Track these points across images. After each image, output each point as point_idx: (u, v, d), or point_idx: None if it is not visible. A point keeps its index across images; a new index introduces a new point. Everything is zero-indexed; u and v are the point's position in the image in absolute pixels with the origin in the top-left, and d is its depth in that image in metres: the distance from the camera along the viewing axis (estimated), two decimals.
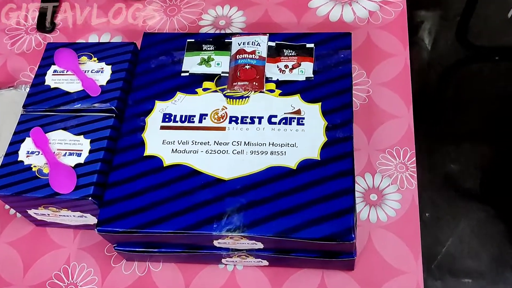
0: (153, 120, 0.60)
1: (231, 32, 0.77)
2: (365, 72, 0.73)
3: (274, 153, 0.56)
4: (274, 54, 0.63)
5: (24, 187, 0.56)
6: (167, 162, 0.57)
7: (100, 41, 0.76)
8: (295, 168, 0.55)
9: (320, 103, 0.59)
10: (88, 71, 0.64)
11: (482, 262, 1.32)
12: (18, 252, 0.65)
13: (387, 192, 0.63)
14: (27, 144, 0.59)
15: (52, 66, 0.65)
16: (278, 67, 0.62)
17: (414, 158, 0.65)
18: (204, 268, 0.61)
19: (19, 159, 0.58)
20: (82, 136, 0.59)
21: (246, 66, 0.62)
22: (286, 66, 0.62)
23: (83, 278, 0.62)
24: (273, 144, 0.57)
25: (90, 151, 0.58)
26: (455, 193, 1.43)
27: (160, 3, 0.84)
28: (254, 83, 0.61)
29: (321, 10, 0.79)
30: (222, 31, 0.79)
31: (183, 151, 0.57)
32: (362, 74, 0.72)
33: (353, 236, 0.50)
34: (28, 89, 0.71)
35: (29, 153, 0.58)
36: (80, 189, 0.55)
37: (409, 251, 0.59)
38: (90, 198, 0.55)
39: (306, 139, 0.57)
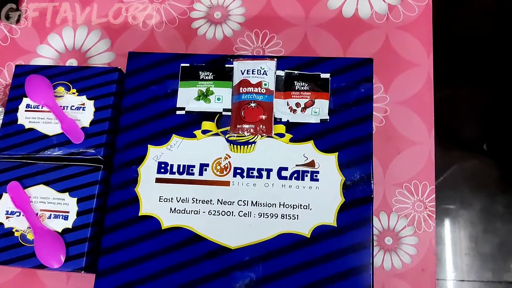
0: (147, 171, 0.53)
1: (228, 28, 0.67)
2: (382, 87, 0.64)
3: (285, 216, 0.50)
4: (284, 87, 0.55)
5: (8, 256, 0.51)
6: (165, 224, 0.51)
7: (78, 66, 0.64)
8: (309, 236, 0.49)
9: (337, 153, 0.52)
10: (66, 107, 0.55)
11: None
12: None
13: (403, 235, 0.59)
14: (5, 202, 0.52)
15: (24, 99, 0.56)
16: (288, 104, 0.54)
17: (434, 195, 0.60)
18: None
19: None
20: (67, 193, 0.52)
21: (251, 104, 0.54)
22: (298, 105, 0.54)
23: None
24: (284, 205, 0.51)
25: (78, 213, 0.51)
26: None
27: None
28: (261, 126, 0.53)
29: (333, 2, 0.69)
30: (218, 26, 0.68)
31: (183, 211, 0.51)
32: (380, 88, 0.64)
33: None
34: (0, 109, 0.62)
35: (8, 214, 0.52)
36: (71, 261, 0.50)
37: None
38: (83, 272, 0.50)
39: (321, 200, 0.51)
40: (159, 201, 0.52)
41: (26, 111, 0.55)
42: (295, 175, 0.52)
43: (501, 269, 1.31)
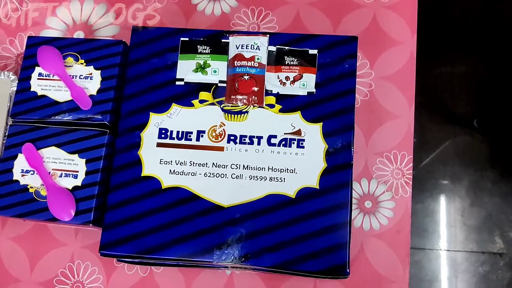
0: (149, 136, 0.58)
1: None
2: (368, 63, 0.69)
3: (273, 179, 0.56)
4: (275, 61, 0.60)
5: (24, 209, 0.56)
6: (165, 184, 0.57)
7: (86, 38, 0.67)
8: (294, 197, 0.55)
9: (321, 123, 0.57)
10: (75, 76, 0.60)
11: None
12: (22, 248, 0.67)
13: (382, 199, 0.64)
14: (21, 162, 0.58)
15: (36, 68, 0.61)
16: (278, 78, 0.59)
17: (411, 164, 0.65)
18: (204, 270, 0.64)
19: (14, 178, 0.57)
20: (76, 155, 0.57)
21: (244, 77, 0.59)
22: (287, 78, 0.59)
23: (88, 276, 0.65)
24: (272, 169, 0.56)
25: (87, 173, 0.57)
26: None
27: None
28: (254, 97, 0.58)
29: None
30: (216, 3, 0.72)
31: (181, 173, 0.57)
32: (366, 64, 0.69)
33: (347, 271, 0.53)
34: (13, 77, 0.67)
35: (23, 172, 0.57)
36: (80, 215, 0.56)
37: (398, 261, 0.62)
38: (91, 225, 0.55)
39: (306, 164, 0.56)
40: (160, 163, 0.57)
41: (38, 79, 0.60)
42: (283, 142, 0.57)
43: (485, 241, 1.37)
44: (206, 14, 0.74)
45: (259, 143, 0.57)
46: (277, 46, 0.60)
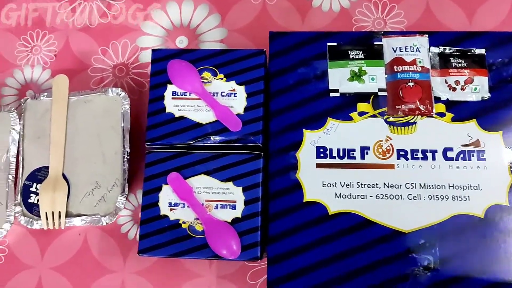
0: (306, 156, 0.52)
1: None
2: None
3: (456, 198, 0.50)
4: (439, 64, 0.53)
5: (179, 248, 0.50)
6: (332, 209, 0.51)
7: (222, 48, 0.58)
8: (482, 216, 0.49)
9: (502, 131, 0.51)
10: (216, 93, 0.53)
11: None
12: (150, 282, 0.61)
13: None
14: (167, 194, 0.51)
15: (169, 86, 0.54)
16: (446, 82, 0.53)
17: None
18: None
19: (161, 213, 0.51)
20: (231, 182, 0.51)
21: (409, 84, 0.52)
22: (457, 83, 0.52)
23: None
24: (454, 186, 0.50)
25: (246, 202, 0.51)
26: None
27: None
28: (422, 106, 0.52)
29: None
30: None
31: (349, 196, 0.51)
32: None
33: None
34: (122, 93, 0.60)
35: (171, 206, 0.51)
36: (246, 251, 0.50)
37: None
38: (259, 260, 0.50)
39: (490, 179, 0.50)
40: (323, 186, 0.51)
41: (173, 98, 0.53)
42: (462, 155, 0.51)
43: None
44: (324, 10, 0.67)
45: (434, 158, 0.51)
46: (440, 47, 0.54)
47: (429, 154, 0.51)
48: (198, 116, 0.52)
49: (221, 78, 0.53)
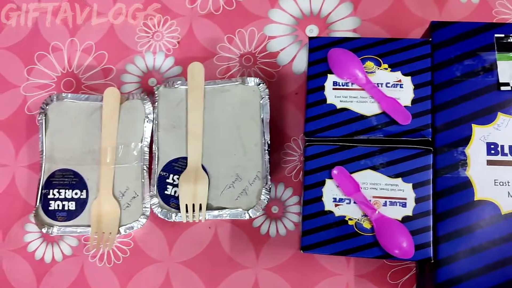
0: (476, 152, 0.50)
1: None
2: None
3: None
4: None
5: (346, 245, 0.48)
6: (504, 209, 0.48)
7: (382, 38, 0.53)
8: None
9: None
10: (380, 84, 0.51)
11: None
12: (284, 279, 0.59)
13: None
14: (331, 189, 0.49)
15: (329, 75, 0.52)
16: None
17: None
18: None
19: (326, 208, 0.49)
20: (400, 179, 0.49)
21: None
22: None
23: None
24: None
25: (416, 200, 0.48)
26: None
27: None
28: None
29: None
30: None
31: None
32: None
33: None
34: (261, 83, 0.58)
35: (336, 201, 0.49)
36: (418, 251, 0.47)
37: None
38: (432, 261, 0.47)
39: None
40: (495, 185, 0.49)
41: (333, 89, 0.51)
42: None
43: None
44: (462, 1, 0.64)
45: None
46: None
47: None
48: (362, 107, 0.50)
49: (386, 68, 0.51)
